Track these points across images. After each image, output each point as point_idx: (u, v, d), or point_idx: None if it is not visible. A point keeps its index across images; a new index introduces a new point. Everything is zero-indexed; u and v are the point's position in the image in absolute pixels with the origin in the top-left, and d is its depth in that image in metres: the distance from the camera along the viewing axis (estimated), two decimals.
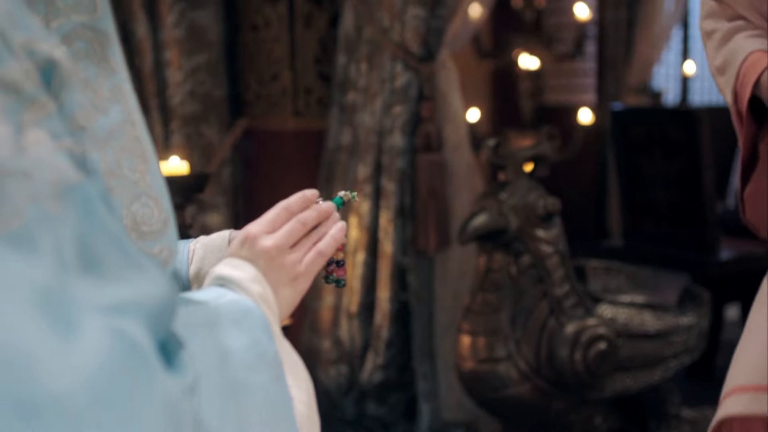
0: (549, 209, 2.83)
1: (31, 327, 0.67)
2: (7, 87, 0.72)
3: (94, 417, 0.68)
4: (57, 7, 0.94)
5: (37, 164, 0.72)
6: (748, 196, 2.02)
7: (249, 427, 0.95)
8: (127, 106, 0.96)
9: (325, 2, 3.59)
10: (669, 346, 2.95)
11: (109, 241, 0.76)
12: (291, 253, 1.06)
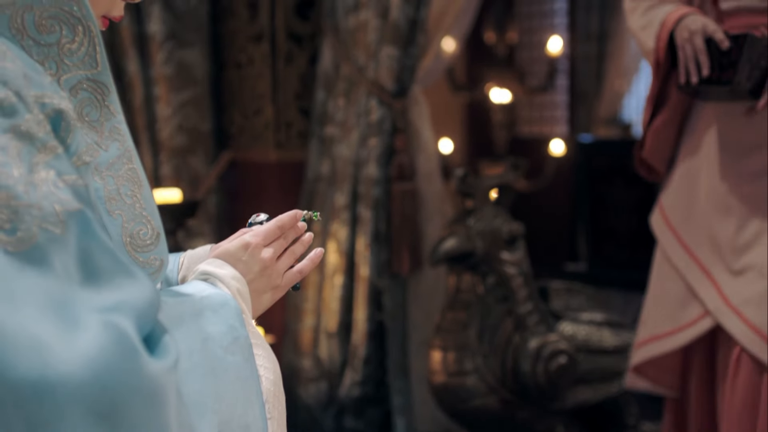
0: (513, 233, 3.05)
1: (45, 323, 0.87)
2: (23, 136, 0.92)
3: (92, 389, 0.87)
4: (66, 64, 1.11)
5: (45, 197, 0.92)
6: (652, 131, 2.44)
7: (224, 398, 1.12)
8: (124, 144, 1.14)
9: (305, 42, 3.76)
10: (626, 360, 3.08)
11: (103, 254, 0.95)
12: (277, 265, 1.25)
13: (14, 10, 1.04)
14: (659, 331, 2.50)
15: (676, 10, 2.35)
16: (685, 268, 2.42)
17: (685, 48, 2.24)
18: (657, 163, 2.52)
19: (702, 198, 2.42)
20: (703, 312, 2.37)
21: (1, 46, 1.00)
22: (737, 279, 2.31)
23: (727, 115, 2.35)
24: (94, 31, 1.09)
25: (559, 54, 6.44)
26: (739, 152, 2.35)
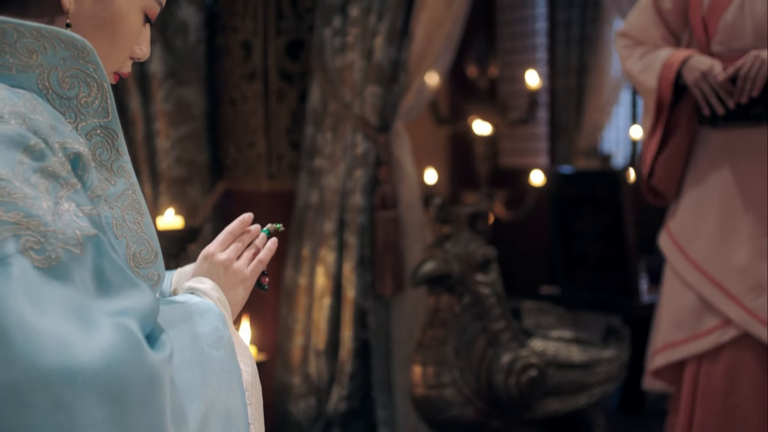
0: (487, 257, 3.18)
1: (67, 324, 1.04)
2: (49, 175, 1.11)
3: (106, 376, 1.03)
4: (83, 114, 1.26)
5: (68, 224, 1.09)
6: (662, 161, 2.69)
7: (210, 386, 1.26)
8: (129, 180, 1.30)
9: (295, 80, 3.91)
10: (593, 375, 3.28)
11: (114, 270, 1.13)
12: (237, 263, 1.44)
13: (42, 70, 1.22)
14: (675, 339, 2.72)
15: (678, 53, 2.60)
16: (697, 283, 2.64)
17: (700, 86, 2.48)
18: (666, 190, 2.75)
19: (710, 221, 2.65)
20: (721, 322, 2.60)
21: (32, 100, 1.18)
22: (761, 297, 2.54)
23: (736, 144, 2.60)
24: (106, 87, 1.27)
25: (538, 87, 6.49)
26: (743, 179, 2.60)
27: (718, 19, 2.59)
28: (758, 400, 2.58)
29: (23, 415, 1.07)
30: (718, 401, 2.63)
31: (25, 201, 1.11)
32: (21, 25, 1.21)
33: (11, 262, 1.06)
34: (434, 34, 3.66)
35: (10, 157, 1.11)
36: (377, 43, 3.57)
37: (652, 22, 2.79)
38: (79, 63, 1.25)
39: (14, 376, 1.05)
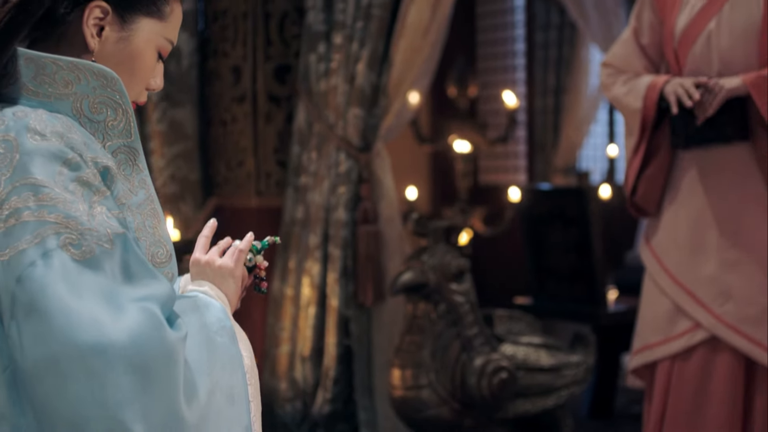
0: (461, 268, 3.35)
1: (100, 307, 1.21)
2: (84, 183, 1.28)
3: (132, 350, 1.20)
4: (109, 134, 1.42)
5: (100, 224, 1.26)
6: (645, 179, 2.93)
7: (216, 367, 1.39)
8: (148, 191, 1.45)
9: (282, 102, 4.08)
10: (560, 378, 3.46)
11: (137, 263, 1.29)
12: (221, 260, 1.58)
13: (75, 98, 1.39)
14: (651, 341, 2.94)
15: (661, 76, 2.86)
16: (672, 291, 2.86)
17: (676, 90, 2.72)
18: (648, 205, 2.97)
19: (684, 235, 2.87)
20: (692, 326, 2.82)
21: (68, 123, 1.35)
22: (728, 302, 2.77)
23: (704, 162, 2.82)
24: (129, 112, 1.43)
25: (516, 107, 6.61)
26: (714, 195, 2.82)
27: (688, 51, 2.83)
28: (724, 399, 2.79)
29: (62, 383, 1.23)
30: (687, 399, 2.85)
31: (64, 204, 1.27)
32: (59, 60, 1.39)
33: (53, 255, 1.24)
34: (412, 60, 3.83)
35: (52, 168, 1.29)
36: (359, 68, 3.74)
37: (635, 53, 3.02)
38: (107, 91, 1.41)
39: (55, 349, 1.22)
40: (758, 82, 2.67)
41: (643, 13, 3.03)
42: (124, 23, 1.47)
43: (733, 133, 2.72)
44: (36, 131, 1.32)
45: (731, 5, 2.77)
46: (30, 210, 1.27)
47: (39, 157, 1.31)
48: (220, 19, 4.15)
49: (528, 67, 7.15)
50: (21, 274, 1.25)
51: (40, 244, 1.26)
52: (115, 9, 1.46)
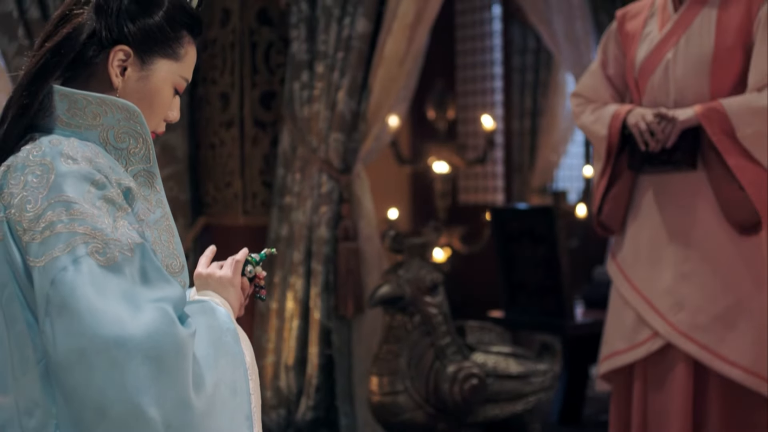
0: (434, 281, 3.47)
1: (121, 306, 1.35)
2: (109, 200, 1.43)
3: (148, 343, 1.34)
4: (131, 160, 1.57)
5: (122, 235, 1.40)
6: (610, 199, 3.15)
7: (220, 363, 1.51)
8: (164, 210, 1.60)
9: (268, 127, 4.25)
10: (528, 385, 3.59)
11: (153, 269, 1.43)
12: (220, 271, 1.69)
13: (102, 129, 1.54)
14: (618, 348, 3.13)
15: (624, 106, 3.09)
16: (635, 302, 3.07)
17: (638, 124, 2.95)
18: (612, 224, 3.19)
19: (644, 250, 3.08)
20: (651, 334, 3.02)
21: (96, 149, 1.50)
22: (680, 312, 2.97)
23: (660, 185, 3.05)
24: (149, 141, 1.58)
25: (493, 129, 6.63)
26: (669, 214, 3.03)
27: (647, 81, 3.06)
28: (679, 402, 2.99)
29: (89, 371, 1.36)
30: (645, 402, 3.06)
31: (92, 218, 1.42)
32: (89, 95, 1.54)
33: (81, 262, 1.38)
34: (389, 88, 3.99)
35: (82, 187, 1.44)
36: (340, 96, 3.93)
37: (602, 84, 3.24)
38: (130, 123, 1.56)
39: (83, 343, 1.36)
40: (708, 114, 2.90)
41: (608, 46, 3.25)
42: (143, 64, 1.60)
43: (682, 160, 2.95)
44: (69, 156, 1.47)
45: (686, 39, 2.99)
46: (63, 223, 1.41)
47: (71, 178, 1.45)
48: (209, 48, 4.33)
49: (505, 90, 7.22)
50: (54, 277, 1.39)
51: (71, 252, 1.39)
52: (136, 52, 1.60)
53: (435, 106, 6.89)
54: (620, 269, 3.15)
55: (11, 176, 1.49)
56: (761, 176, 2.91)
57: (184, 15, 1.67)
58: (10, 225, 1.47)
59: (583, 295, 4.64)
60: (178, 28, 1.65)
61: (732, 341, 2.95)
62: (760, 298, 2.95)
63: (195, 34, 1.73)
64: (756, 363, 2.94)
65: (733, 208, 2.96)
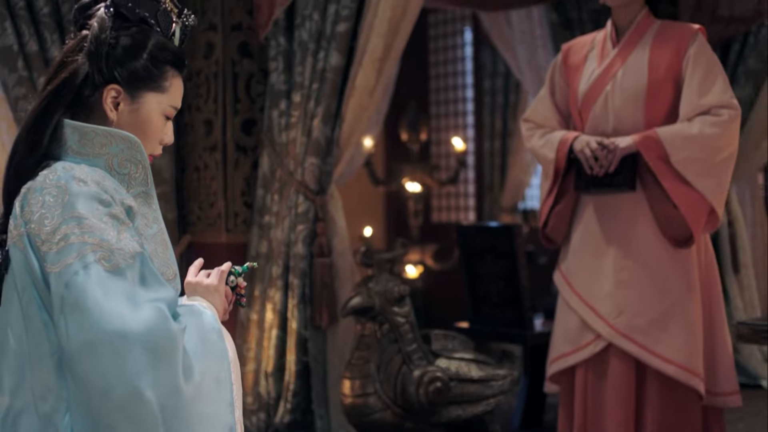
0: (401, 293, 3.66)
1: (123, 305, 1.54)
2: (114, 217, 1.64)
3: (146, 336, 1.53)
4: (132, 183, 1.76)
5: (125, 245, 1.61)
6: (555, 215, 3.43)
7: (206, 357, 1.68)
8: (160, 226, 1.79)
9: (249, 152, 4.39)
10: (489, 388, 3.80)
11: (151, 274, 1.62)
12: (207, 279, 1.87)
13: (108, 156, 1.74)
14: (564, 351, 3.41)
15: (571, 133, 3.39)
16: (579, 308, 3.35)
17: (584, 151, 3.25)
18: (556, 236, 3.50)
19: (587, 261, 3.36)
20: (595, 336, 3.30)
21: (102, 173, 1.70)
22: (620, 316, 3.26)
23: (601, 203, 3.34)
24: (147, 167, 1.77)
25: (464, 150, 6.95)
26: (609, 229, 3.33)
27: (589, 110, 3.37)
28: (620, 397, 3.25)
29: (96, 360, 1.55)
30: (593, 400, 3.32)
31: (100, 231, 1.61)
32: (96, 129, 1.74)
33: (90, 267, 1.58)
34: (360, 116, 4.14)
35: (91, 205, 1.63)
36: (315, 123, 4.09)
37: (549, 111, 3.54)
38: (131, 152, 1.76)
39: (91, 336, 1.55)
40: (645, 141, 3.21)
41: (554, 77, 3.55)
42: (133, 99, 1.78)
43: (623, 182, 3.27)
44: (80, 179, 1.66)
45: (623, 73, 3.30)
46: (75, 235, 1.60)
47: (82, 198, 1.64)
48: (194, 78, 4.49)
49: (476, 112, 7.53)
50: (68, 280, 1.58)
51: (81, 259, 1.58)
52: (126, 89, 1.77)
53: (408, 129, 7.09)
54: (564, 278, 3.44)
55: (31, 197, 1.68)
56: (693, 196, 3.21)
57: (166, 53, 1.82)
58: (30, 238, 1.65)
59: (545, 308, 4.87)
60: (162, 65, 1.81)
61: (667, 341, 3.23)
62: (691, 304, 3.25)
63: (179, 68, 1.87)
64: (688, 360, 3.22)
65: (668, 224, 3.26)
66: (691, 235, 3.24)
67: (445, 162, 7.65)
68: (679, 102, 3.28)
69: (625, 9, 3.35)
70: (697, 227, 3.24)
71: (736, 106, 3.22)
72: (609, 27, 3.41)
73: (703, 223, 3.27)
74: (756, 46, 5.57)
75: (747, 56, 5.58)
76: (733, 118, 3.20)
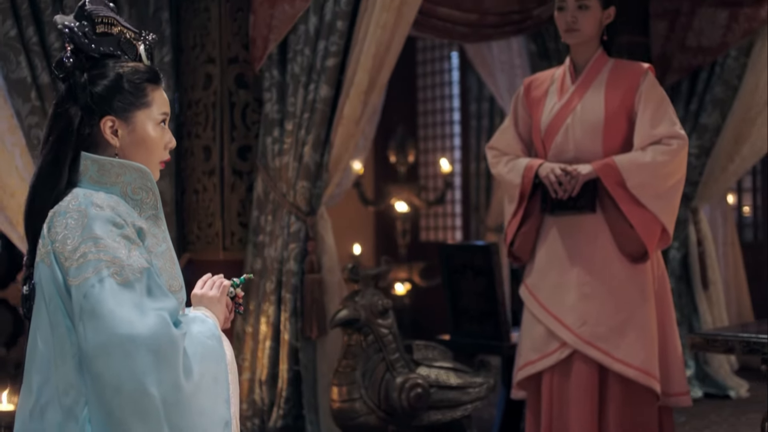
0: (385, 306, 3.90)
1: (132, 314, 1.77)
2: (126, 237, 1.86)
3: (151, 340, 1.75)
4: (143, 208, 1.96)
5: (134, 262, 1.83)
6: (521, 235, 3.71)
7: (205, 359, 1.85)
8: (168, 244, 1.98)
9: (244, 176, 4.58)
10: (466, 394, 4.04)
11: (156, 286, 1.83)
12: (210, 292, 2.05)
13: (123, 185, 1.92)
14: (531, 358, 3.66)
15: (535, 160, 3.66)
16: (544, 319, 3.61)
17: (549, 177, 3.54)
18: (523, 254, 3.77)
19: (552, 276, 3.63)
20: (560, 344, 3.56)
21: (117, 199, 1.89)
22: (584, 325, 3.52)
23: (564, 224, 3.64)
24: (156, 193, 1.97)
25: (450, 171, 7.27)
26: (572, 247, 3.61)
27: (551, 141, 3.66)
28: (584, 400, 3.51)
29: (109, 360, 1.74)
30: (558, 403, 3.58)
31: (113, 250, 1.80)
32: (113, 161, 1.93)
33: (105, 281, 1.76)
34: (347, 143, 4.37)
35: (107, 228, 1.82)
36: (306, 150, 4.31)
37: (513, 140, 3.81)
38: (143, 180, 1.96)
39: (105, 339, 1.74)
40: (604, 169, 3.53)
41: (517, 108, 3.84)
42: (127, 122, 1.96)
43: (585, 205, 3.59)
44: (97, 205, 1.86)
45: (582, 106, 3.61)
46: (92, 253, 1.79)
47: (99, 221, 1.83)
48: (193, 107, 4.69)
49: (463, 134, 7.83)
50: (86, 292, 1.78)
51: (97, 274, 1.78)
52: (118, 117, 1.95)
53: (396, 151, 7.42)
54: (530, 292, 3.74)
55: (56, 220, 1.89)
56: (647, 217, 3.55)
57: (140, 74, 1.99)
58: (56, 255, 1.85)
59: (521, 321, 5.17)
60: (140, 85, 1.97)
61: (626, 347, 3.54)
62: (646, 314, 3.57)
63: (155, 81, 2.03)
64: (645, 363, 3.54)
65: (625, 242, 3.59)
66: (646, 252, 3.56)
67: (432, 183, 7.93)
68: (632, 133, 3.61)
69: (582, 48, 3.68)
70: (651, 244, 3.56)
71: (684, 137, 3.57)
72: (568, 64, 3.73)
73: (656, 240, 3.60)
74: (722, 75, 5.94)
75: (714, 85, 5.95)
76: (682, 146, 3.55)
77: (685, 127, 5.65)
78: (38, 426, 1.89)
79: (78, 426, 1.84)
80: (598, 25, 3.66)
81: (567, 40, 3.69)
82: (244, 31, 4.66)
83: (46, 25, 4.04)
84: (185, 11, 4.78)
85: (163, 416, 1.77)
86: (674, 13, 5.99)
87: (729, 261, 6.49)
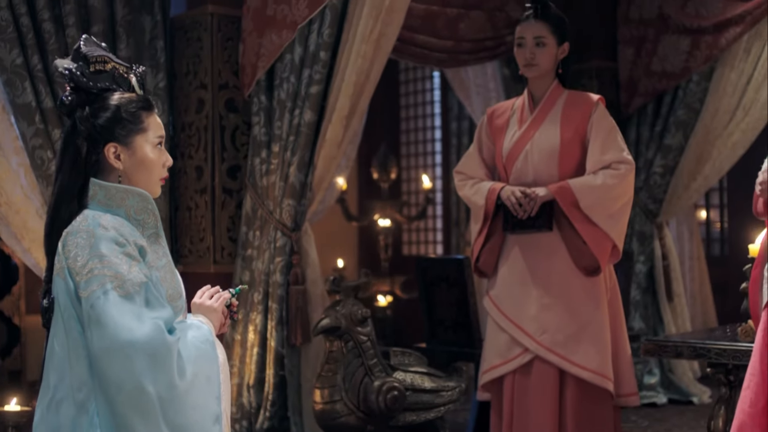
0: (364, 316, 4.11)
1: (132, 322, 2.04)
2: (127, 255, 2.12)
3: (148, 345, 2.02)
4: (145, 227, 2.18)
5: (135, 277, 2.10)
6: (485, 251, 4.03)
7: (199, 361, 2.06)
8: (168, 258, 2.20)
9: (234, 194, 4.78)
10: (439, 397, 4.30)
11: (154, 298, 2.10)
12: (208, 301, 2.26)
13: (127, 207, 2.14)
14: (495, 363, 3.96)
15: (498, 183, 3.97)
16: (507, 327, 3.92)
17: (510, 198, 3.87)
18: (487, 269, 4.08)
19: (514, 288, 3.95)
20: (522, 350, 3.87)
21: (121, 221, 2.10)
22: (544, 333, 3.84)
23: (525, 241, 3.98)
24: (157, 214, 2.19)
25: (431, 187, 7.53)
26: (532, 262, 3.95)
27: (512, 166, 4.00)
28: (544, 401, 3.82)
29: (111, 362, 1.95)
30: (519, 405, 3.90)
31: (116, 266, 2.00)
32: (118, 187, 2.14)
33: (109, 293, 1.98)
34: (329, 165, 4.63)
35: (111, 246, 2.02)
36: (291, 170, 4.52)
37: (478, 164, 4.14)
38: (145, 203, 2.17)
39: (108, 344, 1.96)
40: (560, 191, 3.88)
41: (481, 135, 4.17)
42: (128, 146, 2.16)
43: (542, 224, 3.93)
44: (103, 226, 2.07)
45: (539, 134, 3.96)
46: (98, 269, 2.01)
47: (104, 240, 2.04)
48: (186, 130, 4.91)
49: (444, 151, 8.09)
50: (92, 303, 2.00)
51: (102, 287, 1.99)
52: (119, 143, 2.15)
53: (379, 168, 7.62)
54: (494, 303, 4.08)
55: (69, 239, 2.11)
56: (599, 235, 3.91)
57: (135, 104, 2.17)
58: (69, 270, 2.08)
59: None
60: (136, 113, 2.16)
61: (582, 352, 3.88)
62: (600, 322, 3.93)
63: (148, 108, 2.22)
64: (600, 366, 3.88)
65: (579, 257, 3.94)
66: (599, 266, 3.91)
67: (414, 198, 8.18)
68: (585, 158, 3.96)
69: (539, 81, 4.05)
70: (603, 259, 3.91)
71: (631, 162, 3.94)
72: (526, 95, 4.10)
73: (607, 256, 3.95)
74: (685, 99, 6.34)
75: (677, 108, 6.34)
76: (629, 171, 3.92)
77: (650, 147, 6.19)
78: (54, 418, 2.11)
79: (88, 417, 2.06)
80: (554, 60, 4.03)
81: (526, 74, 4.05)
82: (234, 59, 4.86)
83: (49, 54, 4.23)
84: (179, 40, 4.99)
85: (159, 411, 1.99)
86: (640, 39, 6.36)
87: (695, 274, 6.84)
